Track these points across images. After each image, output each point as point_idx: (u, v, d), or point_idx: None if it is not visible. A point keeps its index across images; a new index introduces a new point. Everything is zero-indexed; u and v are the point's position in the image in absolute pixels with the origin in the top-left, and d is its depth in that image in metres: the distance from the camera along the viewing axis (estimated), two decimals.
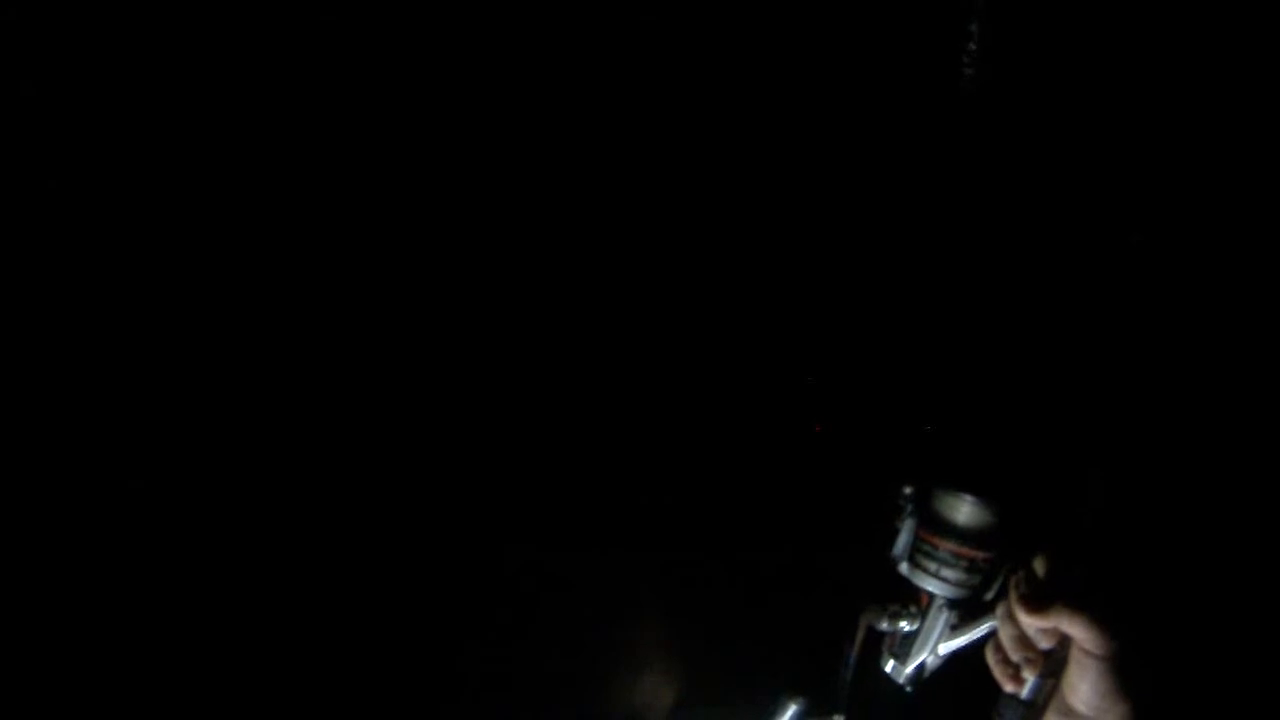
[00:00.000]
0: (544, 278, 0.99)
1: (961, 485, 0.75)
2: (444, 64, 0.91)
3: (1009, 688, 0.70)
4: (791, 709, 0.76)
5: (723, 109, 0.95)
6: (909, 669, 0.82)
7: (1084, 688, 0.64)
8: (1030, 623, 0.68)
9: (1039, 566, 0.71)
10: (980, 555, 0.75)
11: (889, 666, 0.83)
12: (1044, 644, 0.68)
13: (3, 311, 0.81)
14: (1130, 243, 0.84)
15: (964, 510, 0.75)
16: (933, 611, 0.79)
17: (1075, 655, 0.66)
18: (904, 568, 0.79)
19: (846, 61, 0.93)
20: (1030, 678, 0.69)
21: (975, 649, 0.78)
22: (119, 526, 0.87)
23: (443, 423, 0.99)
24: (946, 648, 0.80)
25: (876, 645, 0.82)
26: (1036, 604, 0.66)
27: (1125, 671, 0.63)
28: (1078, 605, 0.64)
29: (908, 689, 0.83)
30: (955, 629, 0.79)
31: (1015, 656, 0.70)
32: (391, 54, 0.89)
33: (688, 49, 0.93)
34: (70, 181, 0.80)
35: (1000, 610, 0.73)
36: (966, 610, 0.78)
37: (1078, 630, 0.64)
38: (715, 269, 1.01)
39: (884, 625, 0.80)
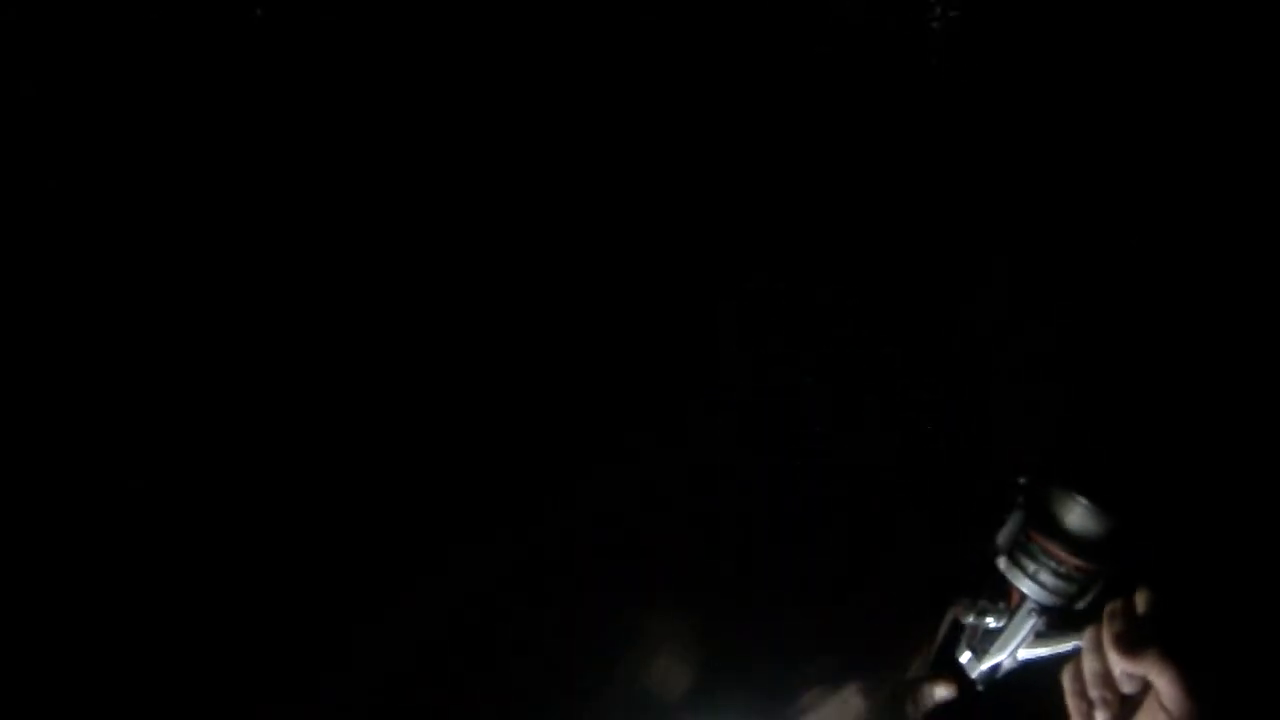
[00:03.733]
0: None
1: (1080, 487, 0.74)
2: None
3: None
4: None
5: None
6: (984, 666, 0.80)
7: None
8: (1119, 663, 0.63)
9: (1141, 601, 0.66)
10: (1083, 565, 0.74)
11: (964, 658, 0.81)
12: (1127, 688, 0.64)
13: (3, 311, 0.81)
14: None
15: (1076, 513, 0.74)
16: (1021, 613, 0.78)
17: (1150, 706, 0.62)
18: (1002, 562, 0.78)
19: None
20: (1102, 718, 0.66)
21: (1055, 663, 0.76)
22: (119, 526, 0.87)
23: (446, 425, 1.01)
24: (1026, 654, 0.79)
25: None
26: (1131, 645, 0.62)
27: None
28: (1174, 656, 0.60)
29: (978, 686, 0.81)
30: (1040, 637, 0.78)
31: (1093, 693, 0.65)
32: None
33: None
34: (70, 181, 0.79)
35: (1088, 638, 0.69)
36: (1054, 619, 0.77)
37: (1164, 684, 0.59)
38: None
39: (970, 619, 0.79)
